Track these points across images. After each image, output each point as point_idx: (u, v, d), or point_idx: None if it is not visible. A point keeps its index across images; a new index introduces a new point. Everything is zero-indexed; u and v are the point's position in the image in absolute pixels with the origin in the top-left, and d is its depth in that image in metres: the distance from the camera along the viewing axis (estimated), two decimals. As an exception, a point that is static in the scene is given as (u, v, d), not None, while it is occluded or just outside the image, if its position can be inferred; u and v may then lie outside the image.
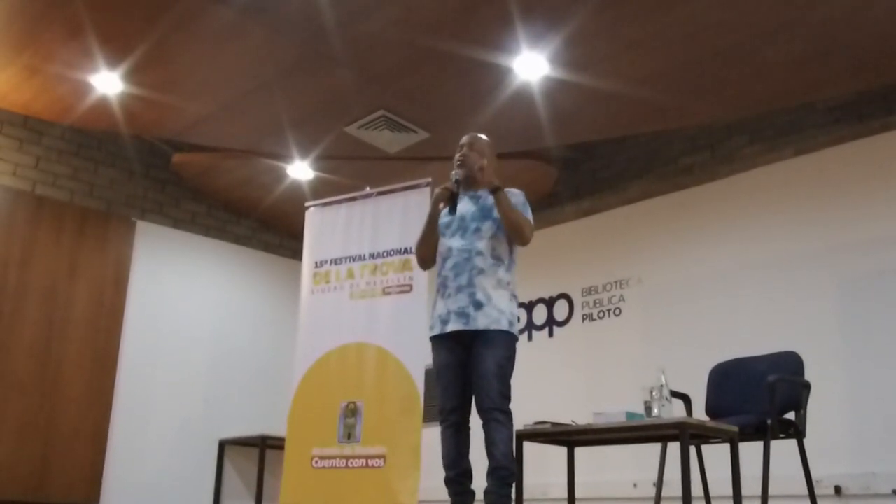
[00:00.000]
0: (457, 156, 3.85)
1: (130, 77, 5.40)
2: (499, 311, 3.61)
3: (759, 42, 4.69)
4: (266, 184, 6.91)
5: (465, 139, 3.90)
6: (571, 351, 6.40)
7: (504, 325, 3.60)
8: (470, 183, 3.82)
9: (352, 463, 5.11)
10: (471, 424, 3.73)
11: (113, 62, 5.23)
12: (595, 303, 6.37)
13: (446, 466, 3.64)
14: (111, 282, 6.56)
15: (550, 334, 6.58)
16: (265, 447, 6.76)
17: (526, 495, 4.05)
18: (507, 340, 3.61)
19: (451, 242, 3.74)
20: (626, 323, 6.13)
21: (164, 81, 5.47)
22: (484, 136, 3.96)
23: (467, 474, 3.65)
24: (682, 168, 6.10)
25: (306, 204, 5.93)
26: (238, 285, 7.49)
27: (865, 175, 5.13)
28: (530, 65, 5.00)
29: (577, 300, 6.49)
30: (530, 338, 6.71)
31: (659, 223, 6.12)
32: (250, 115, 5.86)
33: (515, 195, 3.81)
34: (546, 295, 6.67)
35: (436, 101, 5.54)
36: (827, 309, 5.11)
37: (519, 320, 3.79)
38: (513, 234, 3.72)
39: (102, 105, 5.79)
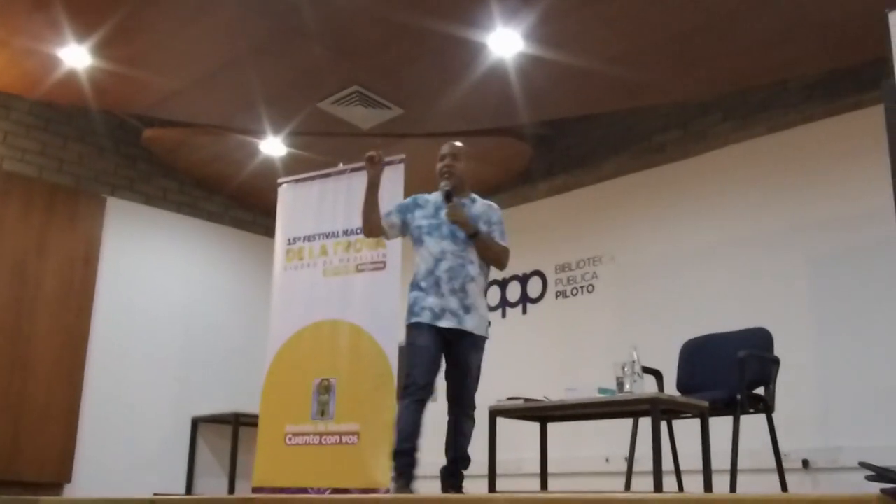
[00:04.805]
0: (441, 167, 4.08)
1: (99, 51, 5.31)
2: (481, 318, 3.97)
3: (731, 20, 4.69)
4: (238, 160, 6.85)
5: (446, 149, 4.13)
6: (545, 327, 6.44)
7: (484, 332, 3.99)
8: (457, 191, 4.04)
9: (325, 440, 5.11)
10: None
11: (81, 36, 5.14)
12: (568, 280, 6.39)
13: (403, 439, 3.79)
14: (81, 259, 6.50)
15: (524, 311, 6.61)
16: (238, 424, 6.75)
17: (499, 470, 4.08)
18: (484, 345, 4.01)
19: (445, 245, 3.96)
20: (599, 300, 6.17)
21: (133, 56, 5.39)
22: (460, 143, 4.19)
23: (417, 449, 3.82)
24: (655, 146, 6.12)
25: (279, 180, 5.89)
26: (210, 262, 7.44)
27: (837, 153, 5.18)
28: (504, 41, 4.98)
29: (551, 277, 6.52)
30: (504, 315, 6.73)
31: (632, 201, 6.15)
32: (222, 91, 5.80)
33: (495, 211, 4.14)
34: (520, 272, 6.69)
35: (410, 77, 5.51)
36: (797, 286, 5.16)
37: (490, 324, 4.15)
38: (492, 264, 4.08)
39: (71, 79, 5.69)
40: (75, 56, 5.38)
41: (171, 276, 7.14)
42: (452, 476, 3.81)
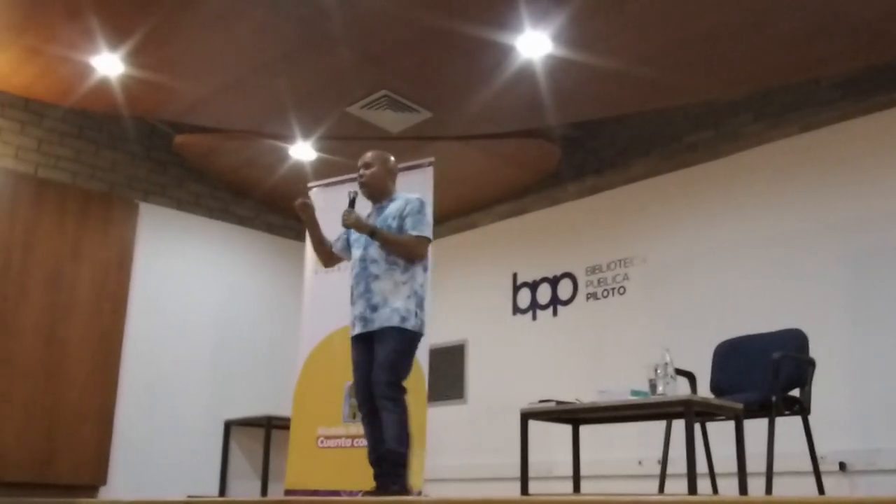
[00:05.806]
0: (357, 179, 4.15)
1: (131, 58, 5.37)
2: (392, 310, 3.83)
3: (762, 18, 4.65)
4: (269, 164, 6.90)
5: (368, 157, 4.13)
6: (576, 330, 6.41)
7: (395, 322, 3.81)
8: (375, 197, 4.13)
9: (357, 443, 5.12)
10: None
11: (114, 43, 5.20)
12: (599, 281, 6.36)
13: (368, 452, 3.89)
14: (115, 264, 6.57)
15: (555, 313, 6.59)
16: (271, 427, 6.78)
17: (531, 473, 4.07)
18: (397, 334, 3.80)
19: (357, 254, 4.03)
20: (631, 301, 6.13)
21: (164, 62, 5.45)
22: (372, 151, 4.18)
23: (385, 459, 3.79)
24: (685, 146, 6.08)
25: (309, 184, 5.92)
26: (242, 267, 7.50)
27: (871, 151, 5.11)
28: (533, 43, 4.97)
29: (582, 279, 6.49)
30: (535, 317, 6.72)
31: (663, 201, 6.11)
32: (252, 96, 5.84)
33: (411, 202, 4.02)
34: (550, 274, 6.68)
35: (438, 80, 5.51)
36: (832, 286, 5.10)
37: (417, 315, 3.86)
38: (404, 257, 3.93)
39: (103, 87, 5.77)
40: (108, 64, 5.45)
41: (203, 281, 7.20)
42: (377, 477, 3.77)
